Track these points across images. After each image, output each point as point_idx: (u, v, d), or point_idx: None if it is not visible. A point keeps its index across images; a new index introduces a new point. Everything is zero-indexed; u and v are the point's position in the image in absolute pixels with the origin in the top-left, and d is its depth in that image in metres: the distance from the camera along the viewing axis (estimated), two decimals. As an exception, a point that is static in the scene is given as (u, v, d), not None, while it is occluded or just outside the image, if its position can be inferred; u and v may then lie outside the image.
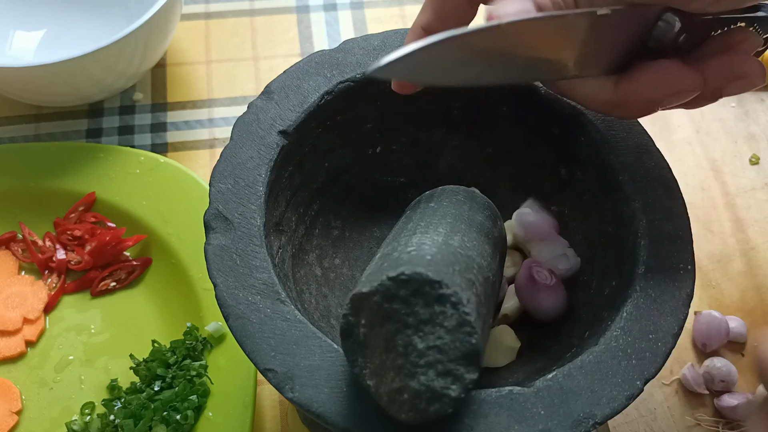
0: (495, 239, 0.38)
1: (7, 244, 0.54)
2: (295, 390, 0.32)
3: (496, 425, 0.31)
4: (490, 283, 0.35)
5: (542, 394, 0.32)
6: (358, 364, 0.30)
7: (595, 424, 0.32)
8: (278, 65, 0.65)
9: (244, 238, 0.36)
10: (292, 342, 0.33)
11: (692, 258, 0.37)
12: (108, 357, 0.50)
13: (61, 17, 0.65)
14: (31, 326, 0.51)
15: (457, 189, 0.41)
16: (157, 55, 0.60)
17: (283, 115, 0.40)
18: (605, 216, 0.41)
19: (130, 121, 0.61)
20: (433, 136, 0.46)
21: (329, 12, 0.69)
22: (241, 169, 0.38)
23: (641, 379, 0.33)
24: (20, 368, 0.49)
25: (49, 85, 0.55)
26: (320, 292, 0.42)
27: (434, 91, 0.44)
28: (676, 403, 0.48)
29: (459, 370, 0.29)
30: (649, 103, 0.32)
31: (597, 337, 0.35)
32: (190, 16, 0.68)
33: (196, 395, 0.46)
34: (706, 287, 0.54)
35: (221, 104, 0.63)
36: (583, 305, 0.41)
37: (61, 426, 0.47)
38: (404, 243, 0.33)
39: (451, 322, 0.29)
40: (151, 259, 0.53)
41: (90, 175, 0.54)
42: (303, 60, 0.42)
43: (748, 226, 0.57)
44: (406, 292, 0.29)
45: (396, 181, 0.47)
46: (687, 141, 0.61)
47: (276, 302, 0.34)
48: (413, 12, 0.69)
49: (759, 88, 0.63)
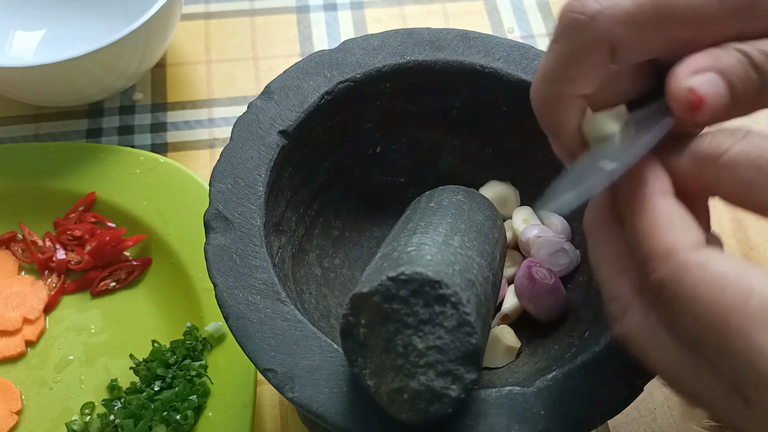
0: (495, 239, 0.38)
1: (7, 244, 0.54)
2: (295, 390, 0.32)
3: (496, 425, 0.31)
4: (490, 283, 0.35)
5: (542, 394, 0.32)
6: (358, 364, 0.30)
7: (595, 424, 0.32)
8: (278, 65, 0.65)
9: (244, 238, 0.36)
10: (292, 342, 0.33)
11: (692, 258, 0.37)
12: (108, 357, 0.50)
13: (61, 17, 0.65)
14: (31, 326, 0.51)
15: (457, 189, 0.41)
16: (157, 55, 0.60)
17: (283, 115, 0.40)
18: (605, 216, 0.41)
19: (130, 121, 0.61)
20: (433, 136, 0.46)
21: (329, 12, 0.69)
22: (241, 169, 0.38)
23: (641, 379, 0.33)
24: (20, 368, 0.49)
25: (49, 85, 0.55)
26: (320, 292, 0.42)
27: (434, 91, 0.44)
28: (676, 403, 0.48)
29: (459, 370, 0.29)
30: None
31: (597, 337, 0.35)
32: (190, 16, 0.68)
33: (196, 395, 0.46)
34: (706, 287, 0.54)
35: (221, 104, 0.63)
36: (583, 305, 0.41)
37: (61, 426, 0.47)
38: (404, 243, 0.33)
39: (451, 322, 0.29)
40: (151, 259, 0.53)
41: (90, 175, 0.54)
42: (303, 60, 0.42)
43: (748, 226, 0.57)
44: (406, 292, 0.29)
45: (396, 181, 0.47)
46: (687, 141, 0.61)
47: (276, 302, 0.34)
48: (413, 12, 0.69)
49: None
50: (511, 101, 0.43)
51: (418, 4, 0.70)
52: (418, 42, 0.43)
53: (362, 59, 0.42)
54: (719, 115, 0.28)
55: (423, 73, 0.43)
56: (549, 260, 0.42)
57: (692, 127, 0.28)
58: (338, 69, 0.42)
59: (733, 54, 0.27)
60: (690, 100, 0.27)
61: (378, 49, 0.43)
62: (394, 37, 0.43)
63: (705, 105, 0.27)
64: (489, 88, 0.43)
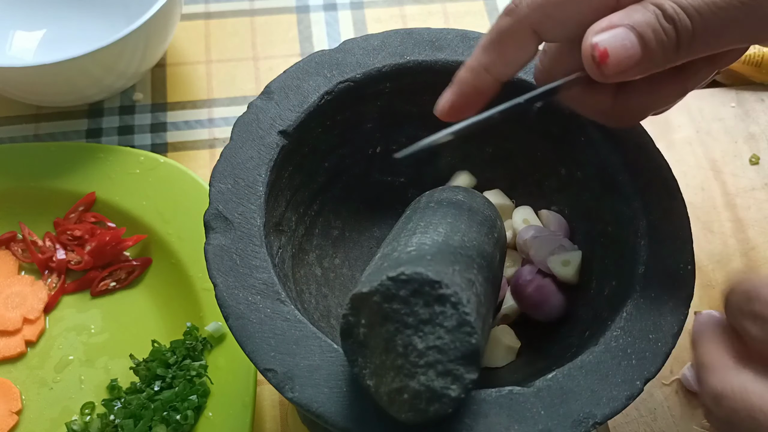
0: (495, 239, 0.38)
1: (7, 244, 0.54)
2: (295, 390, 0.32)
3: (496, 425, 0.31)
4: (490, 283, 0.35)
5: (542, 394, 0.32)
6: (358, 364, 0.30)
7: (595, 424, 0.32)
8: (278, 65, 0.65)
9: (244, 238, 0.36)
10: (292, 342, 0.33)
11: (692, 258, 0.37)
12: (108, 357, 0.50)
13: (61, 17, 0.65)
14: (31, 326, 0.51)
15: (457, 189, 0.41)
16: (157, 55, 0.60)
17: (283, 115, 0.40)
18: (605, 216, 0.41)
19: (130, 121, 0.61)
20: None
21: (329, 12, 0.69)
22: (241, 169, 0.38)
23: (641, 379, 0.33)
24: (20, 368, 0.49)
25: (49, 85, 0.55)
26: (320, 292, 0.42)
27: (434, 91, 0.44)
28: (676, 403, 0.48)
29: (459, 370, 0.29)
30: (641, 112, 0.35)
31: (597, 337, 0.35)
32: (190, 16, 0.68)
33: (196, 395, 0.46)
34: (706, 287, 0.54)
35: (221, 104, 0.63)
36: (583, 305, 0.41)
37: (61, 426, 0.47)
38: (404, 243, 0.33)
39: (451, 322, 0.29)
40: (151, 259, 0.53)
41: (90, 175, 0.54)
42: (303, 60, 0.42)
43: (748, 226, 0.57)
44: (406, 292, 0.29)
45: (396, 181, 0.47)
46: (687, 141, 0.61)
47: (276, 302, 0.34)
48: (413, 12, 0.69)
49: (759, 88, 0.63)
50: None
51: (418, 4, 0.70)
52: (418, 42, 0.43)
53: (362, 59, 0.42)
54: (632, 68, 0.30)
55: (423, 73, 0.43)
56: (548, 260, 0.42)
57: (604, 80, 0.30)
58: (338, 69, 0.42)
59: (648, 7, 0.29)
60: (593, 55, 0.30)
61: (378, 49, 0.43)
62: (394, 37, 0.43)
63: (609, 59, 0.29)
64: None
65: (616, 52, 0.29)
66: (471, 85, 0.35)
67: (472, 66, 0.35)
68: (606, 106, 0.34)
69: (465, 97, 0.35)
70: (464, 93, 0.35)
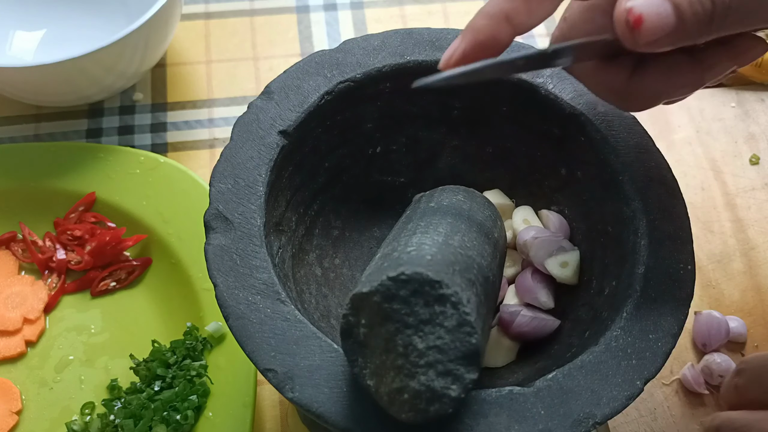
0: (495, 239, 0.38)
1: (7, 244, 0.54)
2: (295, 390, 0.32)
3: (496, 425, 0.31)
4: (490, 283, 0.35)
5: (542, 394, 0.32)
6: (358, 364, 0.30)
7: (595, 424, 0.32)
8: (278, 65, 0.65)
9: (244, 238, 0.36)
10: (292, 342, 0.33)
11: (692, 258, 0.37)
12: (108, 357, 0.50)
13: (61, 17, 0.65)
14: (31, 326, 0.51)
15: (457, 189, 0.41)
16: (157, 55, 0.60)
17: (283, 115, 0.40)
18: (605, 216, 0.41)
19: (130, 121, 0.61)
20: (433, 136, 0.46)
21: (329, 12, 0.69)
22: (241, 169, 0.38)
23: (641, 379, 0.33)
24: (20, 368, 0.49)
25: (49, 85, 0.55)
26: (320, 292, 0.42)
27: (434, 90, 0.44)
28: (676, 403, 0.48)
29: (459, 370, 0.29)
30: (654, 97, 0.33)
31: (597, 337, 0.35)
32: (190, 16, 0.68)
33: (196, 395, 0.46)
34: (706, 287, 0.54)
35: (221, 104, 0.63)
36: (583, 305, 0.41)
37: (61, 426, 0.47)
38: (404, 243, 0.33)
39: (451, 322, 0.29)
40: (151, 259, 0.53)
41: (90, 175, 0.54)
42: (303, 60, 0.42)
43: (748, 226, 0.57)
44: (406, 292, 0.29)
45: (396, 181, 0.47)
46: (687, 141, 0.61)
47: (276, 302, 0.34)
48: (413, 12, 0.69)
49: (759, 88, 0.63)
50: (510, 101, 0.43)
51: (418, 4, 0.70)
52: (418, 42, 0.43)
53: (362, 59, 0.42)
54: (665, 38, 0.29)
55: (423, 73, 0.42)
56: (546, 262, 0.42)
57: (635, 48, 0.29)
58: (338, 69, 0.42)
59: None
60: (627, 19, 0.28)
61: (378, 49, 0.43)
62: (394, 37, 0.43)
63: (643, 24, 0.28)
64: (488, 88, 0.43)
65: (651, 19, 0.28)
66: (488, 34, 0.31)
67: (491, 12, 0.31)
68: (619, 85, 0.33)
69: (480, 46, 0.32)
70: (480, 42, 0.32)
